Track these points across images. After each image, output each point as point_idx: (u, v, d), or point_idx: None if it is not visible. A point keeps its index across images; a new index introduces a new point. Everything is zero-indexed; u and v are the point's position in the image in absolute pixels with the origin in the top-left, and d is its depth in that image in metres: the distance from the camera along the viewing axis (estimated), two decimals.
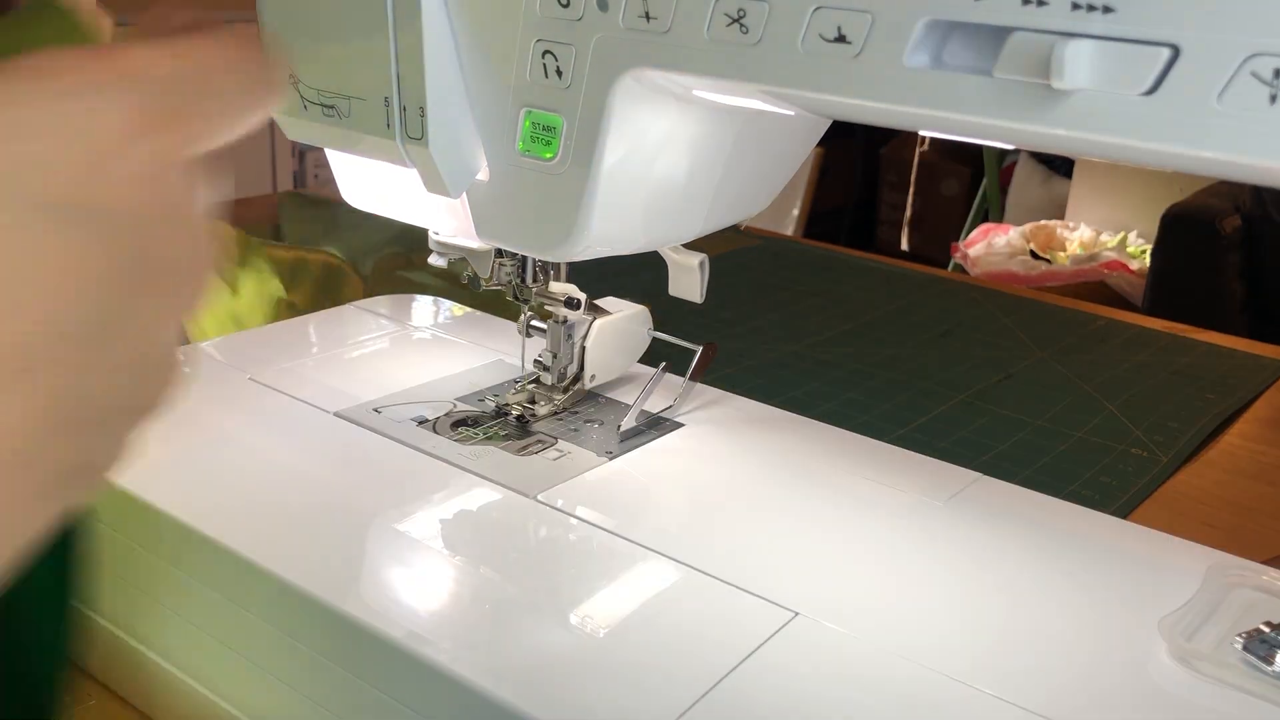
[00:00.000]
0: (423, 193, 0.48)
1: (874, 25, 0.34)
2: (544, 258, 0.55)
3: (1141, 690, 0.40)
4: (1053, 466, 0.67)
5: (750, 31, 0.36)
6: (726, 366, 0.79)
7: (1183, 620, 0.44)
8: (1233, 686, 0.41)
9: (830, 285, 1.05)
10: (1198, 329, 0.98)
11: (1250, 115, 0.28)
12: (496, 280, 0.57)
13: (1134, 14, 0.29)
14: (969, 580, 0.46)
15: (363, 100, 0.47)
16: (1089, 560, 0.49)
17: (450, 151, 0.46)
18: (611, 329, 0.60)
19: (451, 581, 0.44)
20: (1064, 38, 0.30)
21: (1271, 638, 0.42)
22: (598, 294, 0.59)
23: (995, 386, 0.80)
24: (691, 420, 0.60)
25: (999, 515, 0.52)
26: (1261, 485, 0.66)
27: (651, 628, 0.42)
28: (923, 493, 0.53)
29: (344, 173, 0.55)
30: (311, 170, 2.48)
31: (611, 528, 0.48)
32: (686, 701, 0.37)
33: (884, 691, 0.39)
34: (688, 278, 0.57)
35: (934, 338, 0.91)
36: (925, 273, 1.15)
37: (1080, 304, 1.06)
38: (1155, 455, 0.69)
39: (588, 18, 0.41)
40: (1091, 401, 0.78)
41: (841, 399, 0.76)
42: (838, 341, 0.88)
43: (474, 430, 0.57)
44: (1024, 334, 0.93)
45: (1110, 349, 0.91)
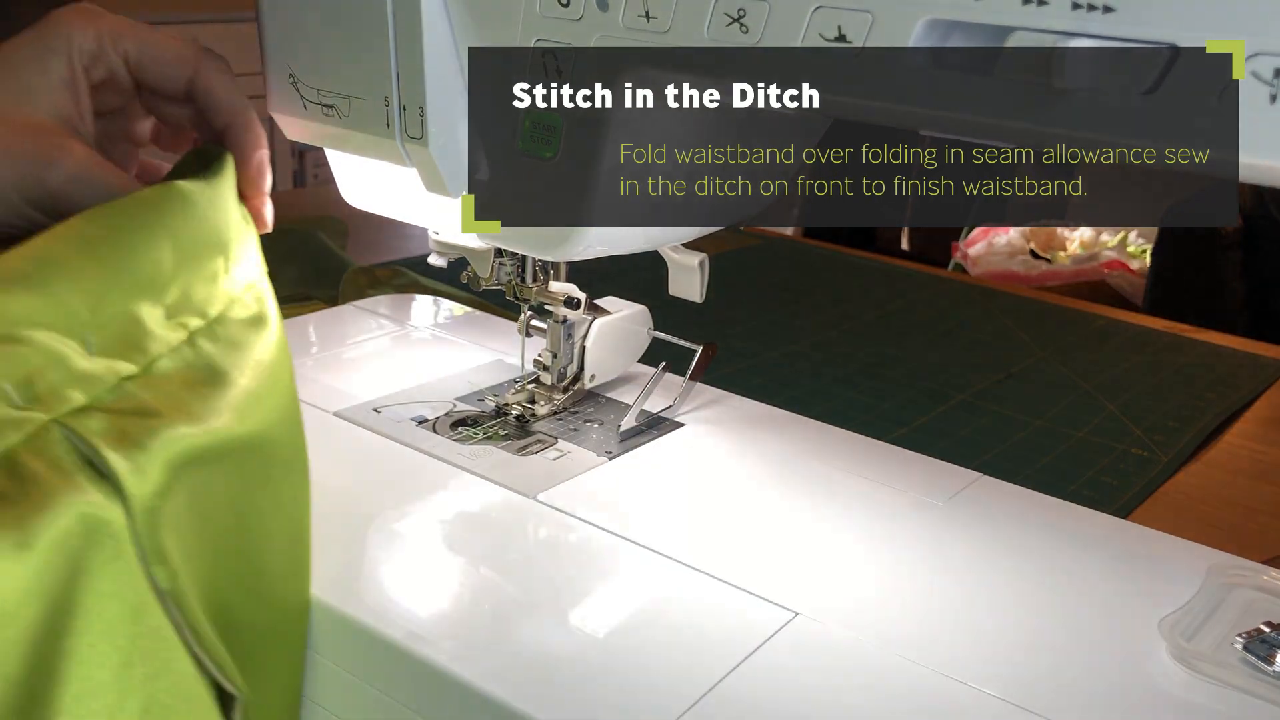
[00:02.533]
0: (422, 193, 0.48)
1: (874, 25, 0.34)
2: (544, 257, 0.55)
3: (1142, 690, 0.40)
4: (1053, 466, 0.67)
5: (750, 31, 0.36)
6: (726, 366, 0.79)
7: (1183, 620, 0.44)
8: (1233, 687, 0.41)
9: (830, 285, 1.05)
10: (1198, 329, 0.98)
11: (1250, 115, 0.28)
12: (496, 280, 0.57)
13: (1134, 14, 0.29)
14: (969, 580, 0.46)
15: (362, 100, 0.47)
16: (1089, 560, 0.48)
17: (450, 151, 0.46)
18: (611, 329, 0.60)
19: (451, 581, 0.44)
20: (1064, 37, 0.30)
21: (1272, 638, 0.42)
22: (598, 294, 0.59)
23: (995, 386, 0.80)
24: (691, 420, 0.60)
25: (999, 515, 0.52)
26: (1262, 485, 0.66)
27: (651, 628, 0.42)
28: (923, 493, 0.53)
29: (343, 172, 0.55)
30: (311, 170, 2.48)
31: (611, 528, 0.48)
32: (686, 701, 0.37)
33: (884, 691, 0.39)
34: (688, 277, 0.57)
35: (934, 338, 0.91)
36: (925, 273, 1.15)
37: (1080, 304, 1.06)
38: (1155, 455, 0.69)
39: (588, 17, 0.41)
40: (1092, 401, 0.78)
41: (841, 399, 0.76)
42: (838, 341, 0.88)
43: (474, 430, 0.57)
44: (1024, 334, 0.93)
45: (1110, 349, 0.91)
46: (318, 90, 0.48)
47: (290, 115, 0.50)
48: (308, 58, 0.48)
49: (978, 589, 0.46)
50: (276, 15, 0.49)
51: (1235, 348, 0.92)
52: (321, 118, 0.49)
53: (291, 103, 0.50)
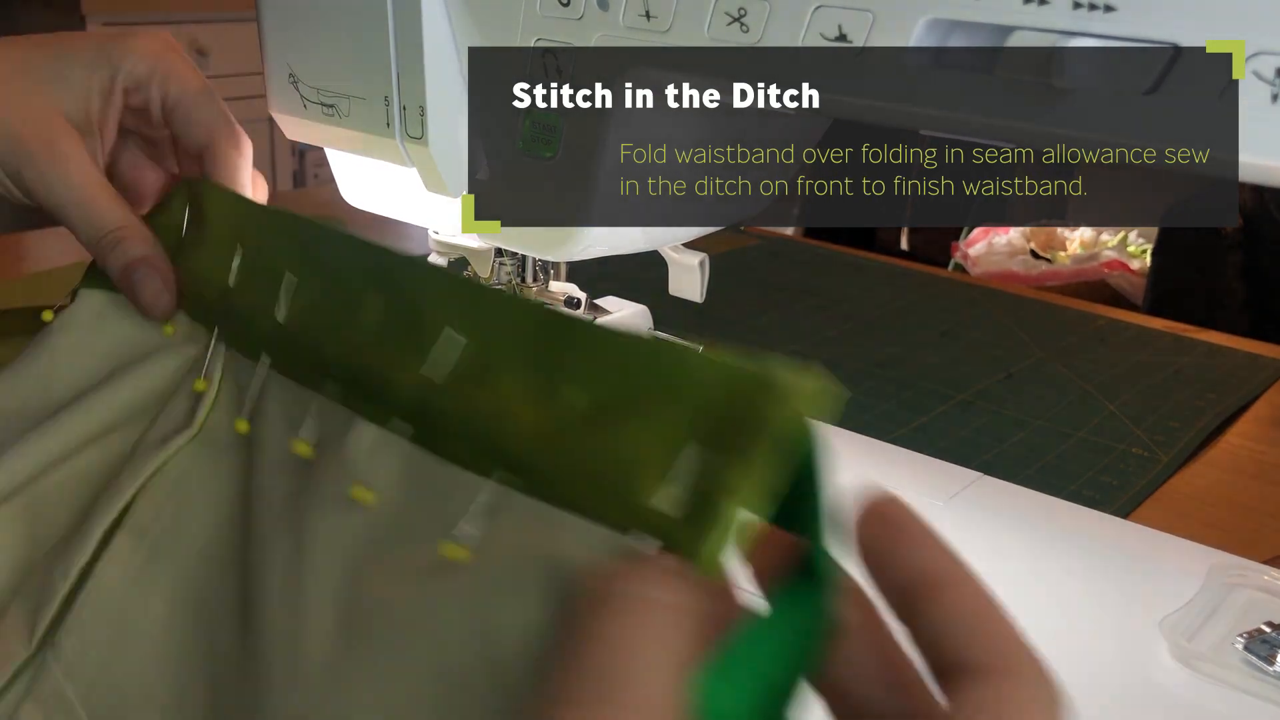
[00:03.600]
0: (423, 192, 0.48)
1: (875, 24, 0.34)
2: (544, 257, 0.55)
3: (1142, 690, 0.40)
4: (1053, 466, 0.67)
5: (751, 30, 0.36)
6: None
7: (1184, 620, 0.44)
8: (1234, 687, 0.41)
9: (830, 285, 1.05)
10: (1198, 329, 0.97)
11: (1252, 114, 0.28)
12: (496, 280, 0.57)
13: (1135, 13, 0.29)
14: None
15: (363, 99, 0.47)
16: (1090, 560, 0.48)
17: (450, 151, 0.46)
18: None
19: None
20: (1065, 36, 0.30)
21: (1273, 638, 0.42)
22: (598, 294, 0.59)
23: (996, 386, 0.80)
24: None
25: (1000, 515, 0.52)
26: (1263, 485, 0.66)
27: None
28: (923, 493, 0.53)
29: (344, 172, 0.55)
30: (311, 170, 2.48)
31: None
32: None
33: None
34: (688, 277, 0.57)
35: (934, 338, 0.91)
36: (925, 272, 1.15)
37: (1081, 304, 1.06)
38: (1156, 455, 0.69)
39: (588, 17, 0.41)
40: (1092, 401, 0.78)
41: (841, 399, 0.76)
42: (838, 341, 0.88)
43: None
44: (1024, 334, 0.93)
45: (1111, 349, 0.91)
46: (318, 90, 0.48)
47: (290, 115, 0.50)
48: (308, 57, 0.48)
49: None
50: (276, 15, 0.49)
51: (1235, 348, 0.92)
52: (321, 118, 0.49)
53: (291, 103, 0.50)
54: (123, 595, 0.35)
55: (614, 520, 0.25)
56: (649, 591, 0.21)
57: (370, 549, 0.30)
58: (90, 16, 2.05)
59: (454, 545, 0.28)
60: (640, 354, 0.26)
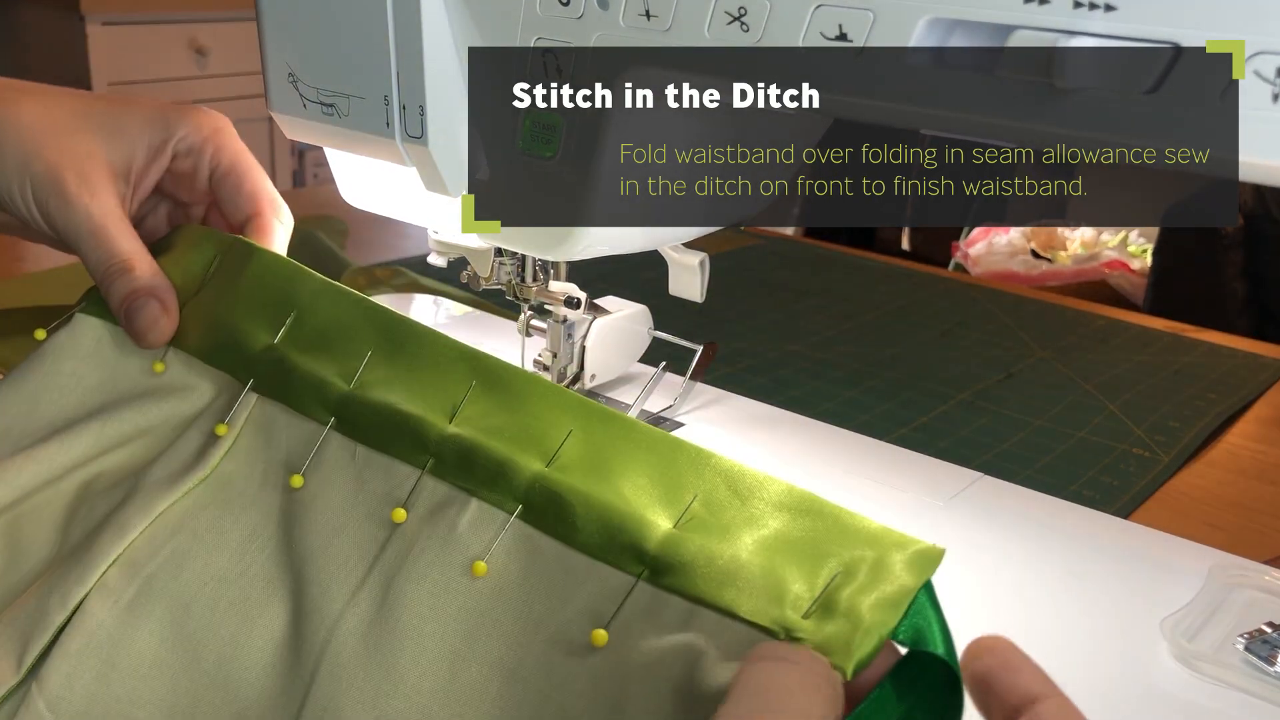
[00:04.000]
0: (422, 192, 0.48)
1: (875, 23, 0.34)
2: (544, 257, 0.55)
3: (1143, 691, 0.40)
4: (1054, 466, 0.67)
5: (751, 30, 0.36)
6: (726, 366, 0.79)
7: (1184, 621, 0.44)
8: (1234, 687, 0.41)
9: (830, 285, 1.05)
10: (1199, 328, 0.97)
11: (1252, 113, 0.28)
12: (496, 280, 0.57)
13: (1136, 13, 0.29)
14: (969, 581, 0.46)
15: (362, 99, 0.47)
16: (1090, 561, 0.48)
17: (450, 151, 0.46)
18: (611, 328, 0.60)
19: None
20: (1065, 36, 0.30)
21: (1274, 638, 0.42)
22: (598, 294, 0.59)
23: (996, 386, 0.80)
24: (691, 420, 0.59)
25: (1000, 515, 0.52)
26: (1263, 485, 0.66)
27: None
28: (923, 493, 0.53)
29: (343, 172, 0.55)
30: (311, 170, 2.48)
31: None
32: None
33: None
34: (688, 277, 0.57)
35: (934, 338, 0.91)
36: (925, 272, 1.15)
37: (1081, 303, 1.06)
38: (1156, 455, 0.69)
39: (588, 16, 0.41)
40: (1092, 401, 0.78)
41: (841, 399, 0.76)
42: (838, 341, 0.88)
43: None
44: (1024, 334, 0.93)
45: (1111, 348, 0.91)
46: (318, 90, 0.48)
47: (290, 115, 0.50)
48: (308, 57, 0.48)
49: (978, 589, 0.46)
50: (276, 14, 0.49)
51: (1235, 348, 0.92)
52: (321, 117, 0.49)
53: (291, 102, 0.50)
54: (112, 628, 0.35)
55: (764, 623, 0.31)
56: (801, 659, 0.28)
57: (484, 620, 0.33)
58: (90, 16, 2.05)
59: (598, 630, 0.32)
60: (807, 507, 0.34)
